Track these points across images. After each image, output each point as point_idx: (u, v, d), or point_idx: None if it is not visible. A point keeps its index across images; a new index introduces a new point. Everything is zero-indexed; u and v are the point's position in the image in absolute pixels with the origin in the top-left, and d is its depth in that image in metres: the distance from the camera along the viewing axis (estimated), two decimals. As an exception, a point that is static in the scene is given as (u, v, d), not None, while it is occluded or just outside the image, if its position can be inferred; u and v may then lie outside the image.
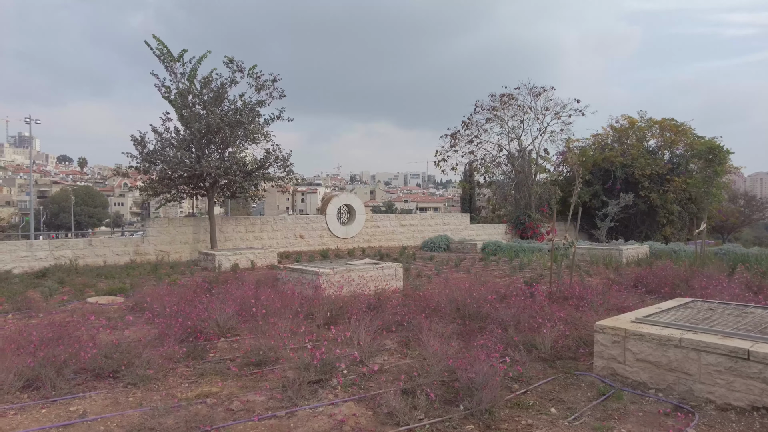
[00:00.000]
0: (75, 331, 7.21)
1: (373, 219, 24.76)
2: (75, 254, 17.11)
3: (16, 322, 9.23)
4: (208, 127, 17.49)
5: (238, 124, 17.80)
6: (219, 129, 17.68)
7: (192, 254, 19.36)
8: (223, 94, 18.18)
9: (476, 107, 31.61)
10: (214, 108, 17.72)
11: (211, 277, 13.28)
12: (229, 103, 18.34)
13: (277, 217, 22.19)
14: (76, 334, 7.06)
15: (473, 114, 31.75)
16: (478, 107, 31.43)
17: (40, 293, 11.97)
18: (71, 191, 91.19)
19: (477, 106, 31.50)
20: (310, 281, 10.49)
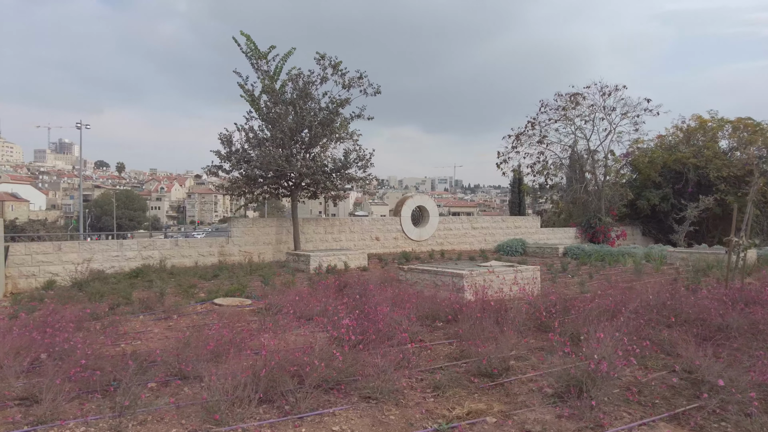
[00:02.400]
0: (247, 337, 6.66)
1: (446, 221, 23.98)
2: (162, 254, 16.79)
3: (159, 323, 8.74)
4: (298, 125, 17.01)
5: (330, 122, 17.27)
6: (309, 127, 17.19)
7: (275, 255, 18.90)
8: (309, 91, 17.67)
9: (542, 107, 30.62)
10: (304, 105, 17.22)
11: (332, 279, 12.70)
12: (313, 101, 17.82)
13: (354, 219, 21.61)
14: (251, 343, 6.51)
15: (539, 114, 30.76)
16: (543, 107, 30.43)
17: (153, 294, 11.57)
18: (113, 195, 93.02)
19: (543, 106, 30.51)
20: (448, 284, 9.77)
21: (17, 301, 12.30)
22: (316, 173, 17.71)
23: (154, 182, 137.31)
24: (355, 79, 18.07)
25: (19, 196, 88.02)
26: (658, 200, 30.60)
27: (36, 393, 4.83)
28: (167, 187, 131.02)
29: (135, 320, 9.02)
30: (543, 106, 30.66)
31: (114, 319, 8.35)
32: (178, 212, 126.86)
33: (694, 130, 32.03)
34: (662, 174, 30.99)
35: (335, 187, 19.00)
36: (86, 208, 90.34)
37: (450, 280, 9.73)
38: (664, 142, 33.15)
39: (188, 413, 4.50)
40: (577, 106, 29.18)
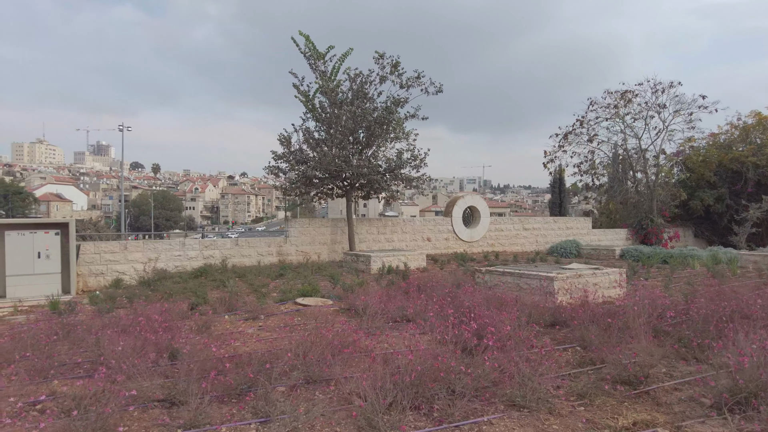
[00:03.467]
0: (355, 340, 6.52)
1: (497, 222, 23.58)
2: (223, 254, 16.94)
3: (247, 323, 8.72)
4: (355, 125, 16.94)
5: (388, 122, 17.15)
6: (367, 127, 17.10)
7: (330, 255, 18.87)
8: (367, 91, 17.58)
9: (590, 105, 29.88)
10: (362, 105, 17.15)
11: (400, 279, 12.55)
12: (370, 101, 17.72)
13: (405, 220, 21.44)
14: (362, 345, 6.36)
15: (587, 112, 30.03)
16: (592, 105, 29.69)
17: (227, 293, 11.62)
18: (150, 195, 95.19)
19: (591, 104, 29.77)
20: (535, 286, 9.47)
21: (93, 299, 12.53)
22: (372, 173, 17.62)
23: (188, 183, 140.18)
24: (413, 78, 17.90)
25: (64, 197, 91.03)
26: (713, 201, 29.53)
27: (176, 395, 4.79)
28: (201, 187, 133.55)
29: (222, 320, 9.02)
30: (592, 104, 29.95)
31: (206, 319, 8.34)
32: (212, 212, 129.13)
33: (752, 127, 30.73)
34: (717, 173, 29.89)
35: (388, 187, 18.86)
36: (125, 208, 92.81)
37: (538, 283, 9.44)
38: (717, 140, 31.92)
39: (337, 419, 4.37)
40: (628, 103, 28.36)
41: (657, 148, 29.41)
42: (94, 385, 5.48)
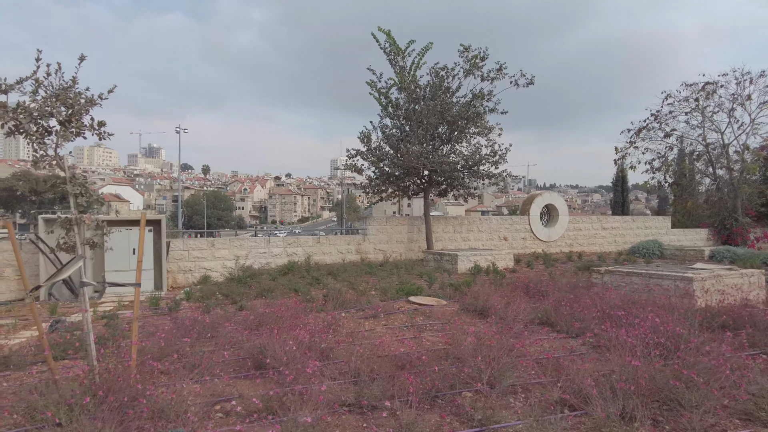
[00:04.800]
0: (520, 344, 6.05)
1: (575, 221, 22.63)
2: (305, 251, 16.85)
3: (368, 322, 8.42)
4: (440, 120, 16.51)
5: (473, 117, 16.64)
6: (451, 122, 16.64)
7: (406, 253, 18.51)
8: (448, 85, 17.11)
9: (666, 98, 28.34)
10: (447, 100, 16.70)
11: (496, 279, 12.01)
12: (450, 95, 17.23)
13: (482, 218, 20.84)
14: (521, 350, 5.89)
15: (662, 105, 28.50)
16: (669, 99, 28.15)
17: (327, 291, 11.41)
18: (203, 195, 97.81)
19: (667, 97, 28.22)
20: (669, 288, 8.75)
21: (189, 296, 12.59)
22: (453, 170, 17.15)
23: (237, 184, 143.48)
24: (495, 70, 17.30)
25: (122, 197, 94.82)
26: (806, 199, 27.54)
27: (366, 398, 4.46)
28: (250, 188, 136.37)
29: (341, 318, 8.76)
30: (667, 97, 28.42)
31: (330, 317, 8.08)
32: (260, 212, 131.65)
33: None
34: (812, 170, 27.89)
35: (466, 184, 18.32)
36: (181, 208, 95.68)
37: (672, 284, 8.72)
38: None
39: (570, 427, 3.92)
40: (711, 95, 26.72)
41: (741, 143, 27.61)
42: (265, 386, 5.24)
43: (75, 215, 5.03)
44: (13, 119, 4.70)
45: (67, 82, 4.95)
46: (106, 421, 3.99)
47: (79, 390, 4.55)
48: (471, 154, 17.98)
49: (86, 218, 5.09)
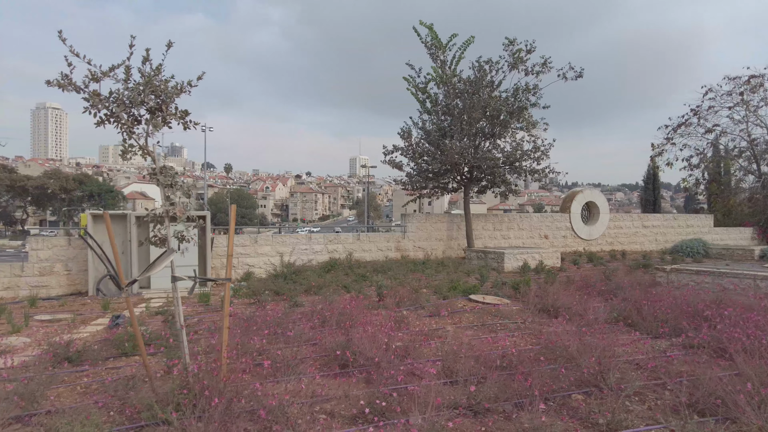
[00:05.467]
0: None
1: (616, 219, 22.06)
2: (345, 248, 16.69)
3: (434, 320, 8.17)
4: (483, 115, 16.19)
5: (518, 111, 16.28)
6: (494, 117, 16.30)
7: (446, 251, 18.23)
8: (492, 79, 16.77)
9: (706, 93, 27.48)
10: (491, 94, 16.37)
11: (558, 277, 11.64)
12: (494, 89, 16.88)
13: (522, 216, 20.45)
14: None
15: (702, 100, 27.66)
16: (710, 93, 27.29)
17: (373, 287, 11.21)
18: (227, 193, 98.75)
19: (708, 92, 27.37)
20: (747, 287, 8.32)
21: (237, 292, 12.49)
22: (495, 166, 16.81)
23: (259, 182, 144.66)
24: (539, 64, 16.89)
25: (147, 195, 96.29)
26: None
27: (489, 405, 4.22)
28: (272, 186, 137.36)
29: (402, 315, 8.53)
30: (708, 92, 27.57)
31: (397, 315, 7.86)
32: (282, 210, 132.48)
33: None
34: None
35: (506, 181, 17.94)
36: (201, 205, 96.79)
37: (752, 283, 8.29)
38: None
39: None
40: (757, 89, 25.80)
41: (789, 139, 26.63)
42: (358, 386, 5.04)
43: (166, 208, 4.88)
44: (106, 107, 4.57)
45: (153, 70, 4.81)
46: (212, 422, 3.82)
47: (178, 388, 4.40)
48: (512, 149, 17.61)
49: (179, 211, 4.94)
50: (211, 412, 3.88)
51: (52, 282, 13.75)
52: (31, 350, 7.38)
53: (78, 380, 5.74)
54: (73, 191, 79.24)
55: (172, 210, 4.85)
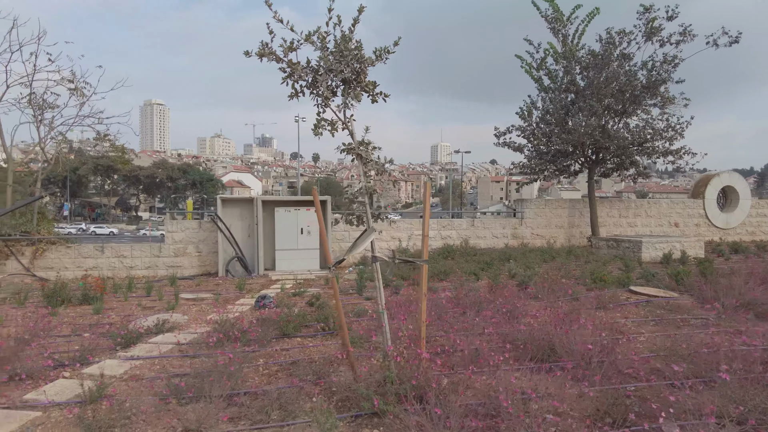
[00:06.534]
0: None
1: (759, 206, 19.63)
2: (459, 234, 16.16)
3: (600, 312, 7.43)
4: (615, 91, 14.86)
5: (656, 86, 14.78)
6: (627, 92, 14.91)
7: (566, 239, 17.12)
8: (620, 52, 15.34)
9: None
10: (622, 67, 14.99)
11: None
12: (626, 62, 15.41)
13: (650, 202, 18.81)
14: None
15: None
16: None
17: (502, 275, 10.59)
18: (316, 182, 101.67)
19: None
20: None
21: (363, 276, 12.36)
22: (625, 146, 15.41)
23: (344, 171, 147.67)
24: (678, 33, 15.18)
25: (244, 183, 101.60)
26: None
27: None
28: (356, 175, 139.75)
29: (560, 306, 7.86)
30: None
31: (566, 306, 7.21)
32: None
33: None
34: None
35: (636, 162, 16.41)
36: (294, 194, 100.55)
37: None
38: None
39: None
40: None
41: None
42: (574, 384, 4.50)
43: (365, 183, 4.59)
44: (303, 78, 4.33)
45: (346, 36, 4.49)
46: (443, 417, 3.45)
47: (382, 377, 4.11)
48: (641, 128, 16.08)
49: (378, 188, 4.64)
50: (435, 406, 3.52)
51: (184, 262, 14.48)
52: (194, 327, 7.59)
53: (254, 360, 5.69)
54: (178, 180, 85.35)
55: (372, 186, 4.52)
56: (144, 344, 6.50)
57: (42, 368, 5.21)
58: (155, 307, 9.45)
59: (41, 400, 4.49)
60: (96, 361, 5.72)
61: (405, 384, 3.91)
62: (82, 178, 73.07)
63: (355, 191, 4.73)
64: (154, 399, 4.39)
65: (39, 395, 4.61)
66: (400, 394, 3.92)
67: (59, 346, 6.48)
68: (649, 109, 15.65)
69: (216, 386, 4.18)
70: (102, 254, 14.01)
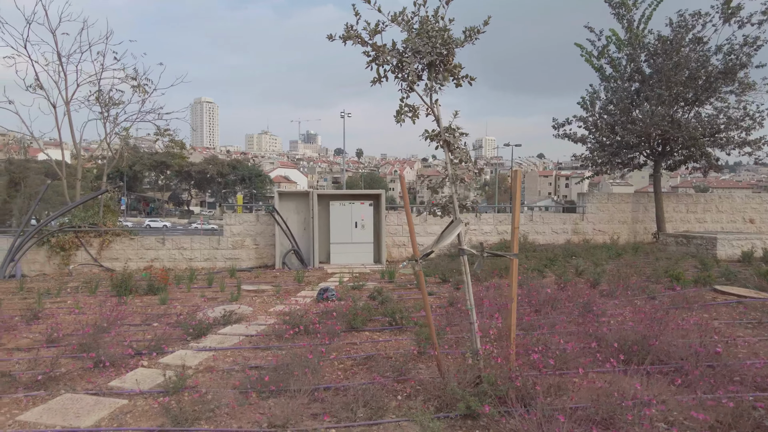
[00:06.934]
0: None
1: None
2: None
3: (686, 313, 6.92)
4: (688, 77, 13.96)
5: (734, 71, 13.80)
6: (704, 78, 13.99)
7: (630, 235, 16.31)
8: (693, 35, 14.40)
9: None
10: (695, 52, 14.07)
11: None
12: (701, 46, 14.44)
13: (722, 196, 17.66)
14: None
15: None
16: None
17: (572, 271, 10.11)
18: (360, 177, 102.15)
19: None
20: None
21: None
22: (696, 137, 14.46)
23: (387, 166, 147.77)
24: (760, 12, 14.09)
25: (290, 179, 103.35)
26: None
27: None
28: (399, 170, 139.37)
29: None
30: None
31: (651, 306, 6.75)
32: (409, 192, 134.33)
33: None
34: None
35: (707, 154, 15.39)
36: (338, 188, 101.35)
37: None
38: None
39: None
40: None
41: None
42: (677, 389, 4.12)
43: (452, 173, 4.35)
44: (388, 62, 4.12)
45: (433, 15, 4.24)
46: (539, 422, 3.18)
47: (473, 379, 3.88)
48: (713, 117, 15.05)
49: (468, 177, 4.40)
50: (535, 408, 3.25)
51: (242, 255, 14.68)
52: (260, 318, 7.59)
53: (326, 355, 5.57)
54: (227, 175, 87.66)
55: (460, 174, 4.28)
56: (214, 335, 6.52)
57: (122, 356, 5.27)
58: (218, 298, 9.55)
59: (125, 387, 4.51)
60: (170, 351, 5.76)
61: (505, 384, 3.66)
62: (138, 173, 76.22)
63: (439, 180, 4.48)
64: (234, 392, 4.33)
65: (123, 383, 4.64)
66: (497, 395, 3.67)
67: (133, 335, 6.59)
68: (725, 96, 14.63)
69: (301, 381, 4.06)
70: (163, 246, 14.39)
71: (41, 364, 5.09)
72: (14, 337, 6.61)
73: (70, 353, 5.49)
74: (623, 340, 5.09)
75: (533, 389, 3.59)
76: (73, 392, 4.40)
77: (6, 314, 7.69)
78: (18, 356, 5.74)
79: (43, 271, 13.73)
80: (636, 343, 4.85)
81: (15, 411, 4.08)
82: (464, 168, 4.36)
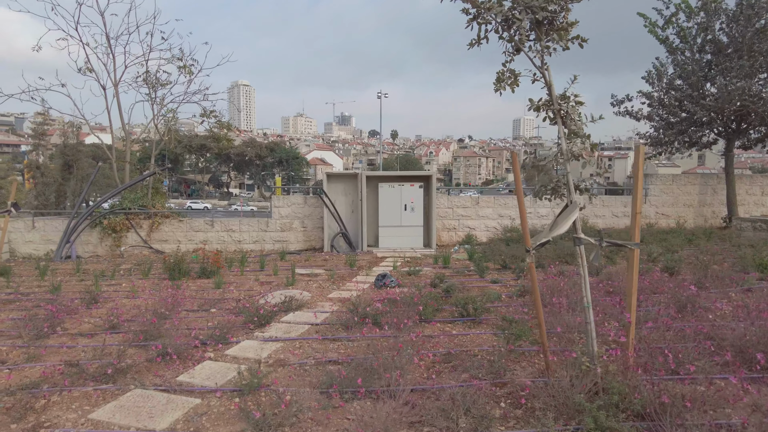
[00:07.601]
0: None
1: None
2: (573, 214, 14.83)
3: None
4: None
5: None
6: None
7: (696, 220, 15.25)
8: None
9: None
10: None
11: None
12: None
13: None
14: None
15: None
16: None
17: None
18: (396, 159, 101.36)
19: None
20: None
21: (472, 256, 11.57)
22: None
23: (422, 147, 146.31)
24: None
25: (326, 161, 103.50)
26: None
27: None
28: (435, 151, 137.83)
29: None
30: None
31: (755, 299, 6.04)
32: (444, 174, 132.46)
33: None
34: None
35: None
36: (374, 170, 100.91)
37: None
38: None
39: None
40: None
41: None
42: None
43: (568, 148, 3.77)
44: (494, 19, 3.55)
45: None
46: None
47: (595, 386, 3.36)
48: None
49: (585, 154, 3.82)
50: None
51: (290, 237, 14.44)
52: (321, 305, 7.24)
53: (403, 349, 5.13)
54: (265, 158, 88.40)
55: (577, 151, 3.70)
56: (278, 323, 6.19)
57: (187, 347, 4.98)
58: (272, 282, 9.28)
59: (195, 384, 4.20)
60: (235, 341, 5.45)
61: (635, 398, 3.13)
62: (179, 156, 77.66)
63: (550, 157, 3.91)
64: (314, 392, 3.94)
65: (192, 378, 4.34)
66: (622, 409, 3.15)
67: (193, 321, 6.34)
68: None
69: (386, 381, 3.63)
70: (212, 228, 14.29)
71: (107, 354, 4.86)
72: (77, 321, 6.47)
73: (134, 342, 5.25)
74: (739, 340, 4.48)
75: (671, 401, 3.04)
76: (143, 388, 4.11)
77: (67, 297, 7.60)
78: (82, 342, 5.55)
79: (96, 253, 13.86)
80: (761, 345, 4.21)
81: (86, 407, 3.82)
82: (580, 145, 3.76)
